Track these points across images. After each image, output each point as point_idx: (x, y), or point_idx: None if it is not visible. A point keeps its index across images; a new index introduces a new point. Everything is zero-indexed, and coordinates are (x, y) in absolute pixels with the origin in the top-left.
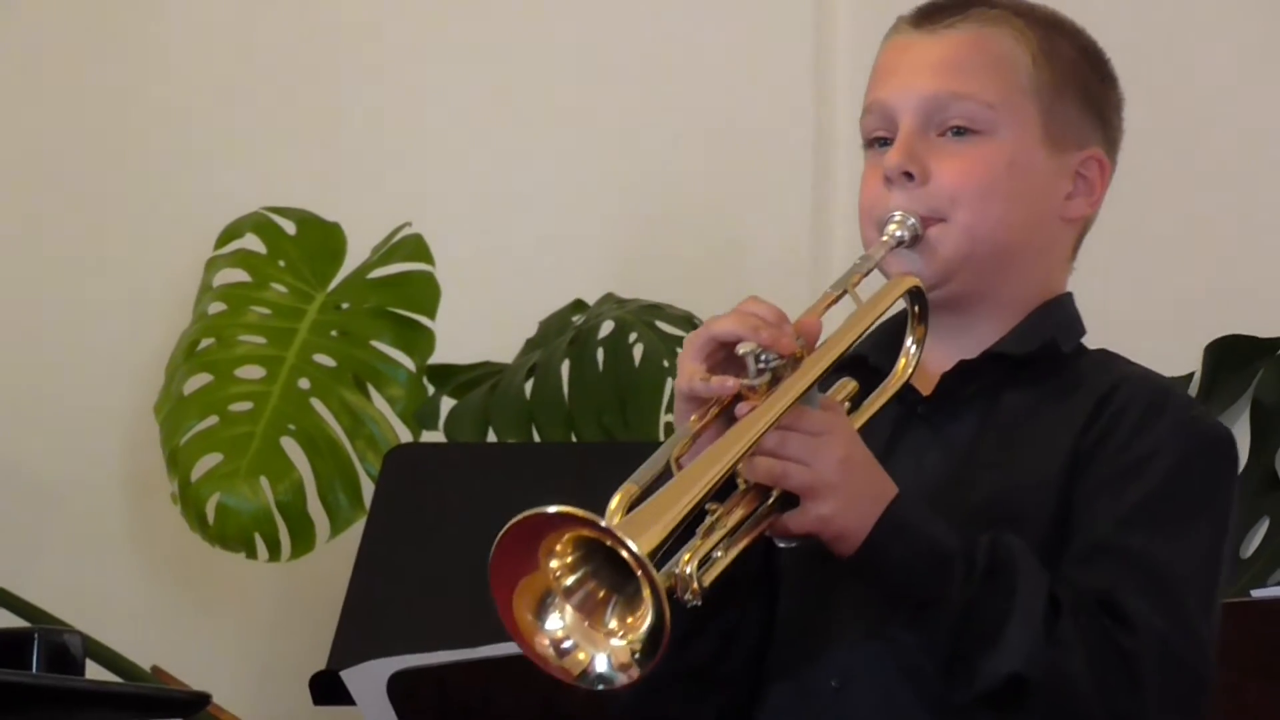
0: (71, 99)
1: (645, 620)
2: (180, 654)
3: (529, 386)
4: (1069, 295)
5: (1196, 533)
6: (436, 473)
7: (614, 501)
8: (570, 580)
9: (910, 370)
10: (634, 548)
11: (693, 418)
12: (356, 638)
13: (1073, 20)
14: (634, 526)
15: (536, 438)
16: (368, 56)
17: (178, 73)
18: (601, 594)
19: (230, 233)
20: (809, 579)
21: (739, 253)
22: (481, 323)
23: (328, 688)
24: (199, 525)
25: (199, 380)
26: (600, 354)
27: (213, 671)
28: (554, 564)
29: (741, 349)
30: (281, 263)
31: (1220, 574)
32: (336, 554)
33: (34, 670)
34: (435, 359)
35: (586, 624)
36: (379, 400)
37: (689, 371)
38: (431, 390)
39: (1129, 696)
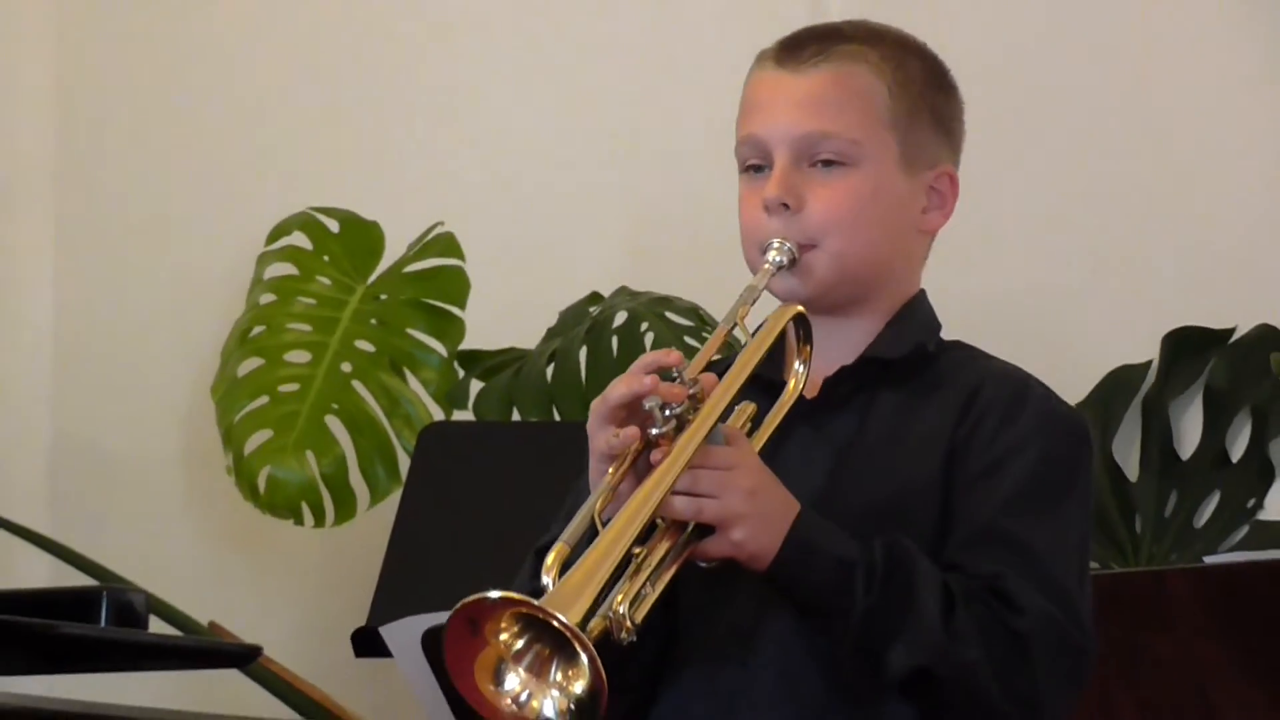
0: (137, 105)
1: (584, 674)
2: (234, 611)
3: (550, 370)
4: (923, 293)
5: (1067, 514)
6: (466, 448)
7: (549, 559)
8: (518, 646)
9: (800, 388)
10: (564, 619)
11: (609, 470)
12: (393, 597)
13: (914, 39)
14: (563, 598)
15: (556, 417)
16: (406, 70)
17: (231, 82)
18: (546, 652)
19: (279, 230)
20: (713, 571)
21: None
22: (507, 312)
23: (367, 642)
24: (251, 495)
25: (251, 364)
26: (614, 342)
27: (263, 627)
28: (502, 638)
29: (646, 404)
30: (326, 258)
31: (1089, 549)
32: (375, 521)
33: (102, 625)
34: (465, 345)
35: (536, 680)
36: (414, 382)
37: (599, 438)
38: (461, 373)
39: (1023, 675)
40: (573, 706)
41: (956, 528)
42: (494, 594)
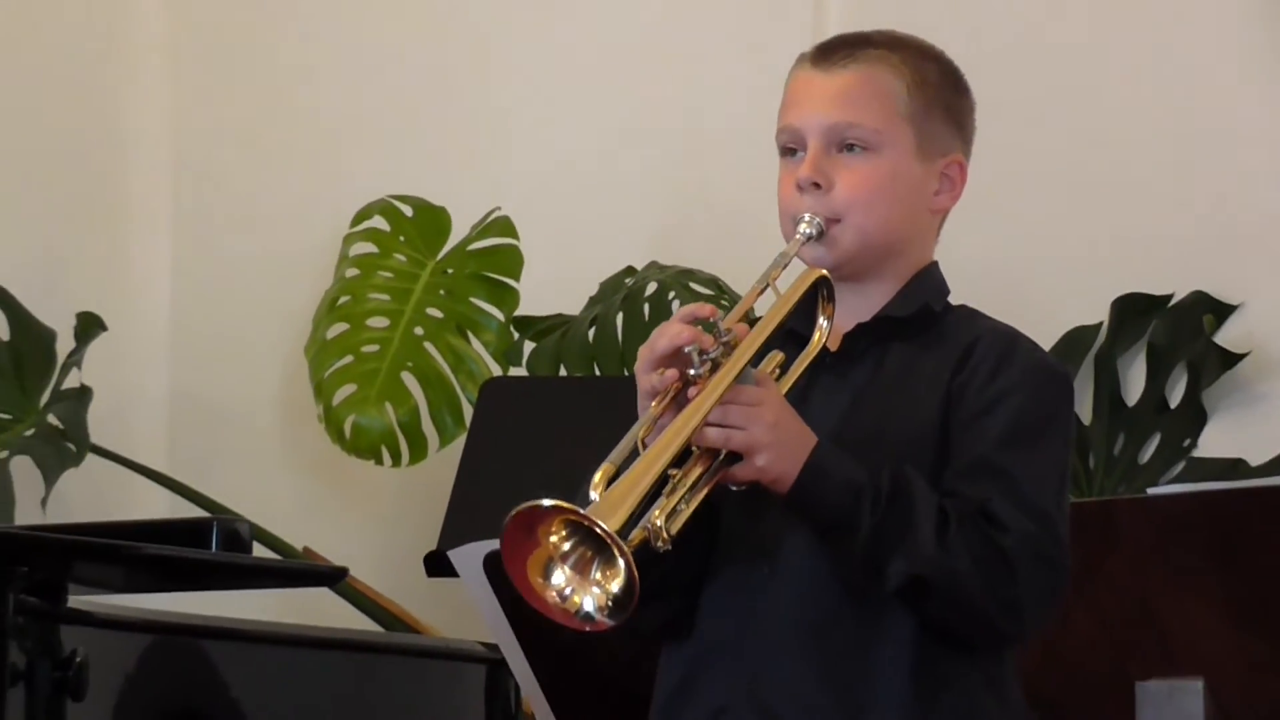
0: (246, 106)
1: (620, 575)
2: (324, 538)
3: (591, 333)
4: (935, 264)
5: (1048, 449)
6: (520, 399)
7: (595, 477)
8: (566, 548)
9: (824, 341)
10: (606, 527)
11: (653, 403)
12: (459, 525)
13: (933, 47)
14: (606, 507)
15: (597, 373)
16: (470, 75)
17: (324, 88)
18: (589, 555)
19: (362, 214)
20: (747, 496)
21: (758, 228)
22: (555, 283)
23: (437, 563)
24: (338, 439)
25: (338, 328)
26: (646, 308)
27: (349, 551)
28: (552, 540)
29: (686, 349)
30: (401, 238)
31: (1066, 480)
32: (443, 461)
33: (212, 550)
34: (519, 312)
35: (580, 578)
36: (476, 344)
37: (646, 379)
38: (516, 336)
39: (1008, 585)
40: (609, 603)
41: (953, 461)
42: (546, 502)
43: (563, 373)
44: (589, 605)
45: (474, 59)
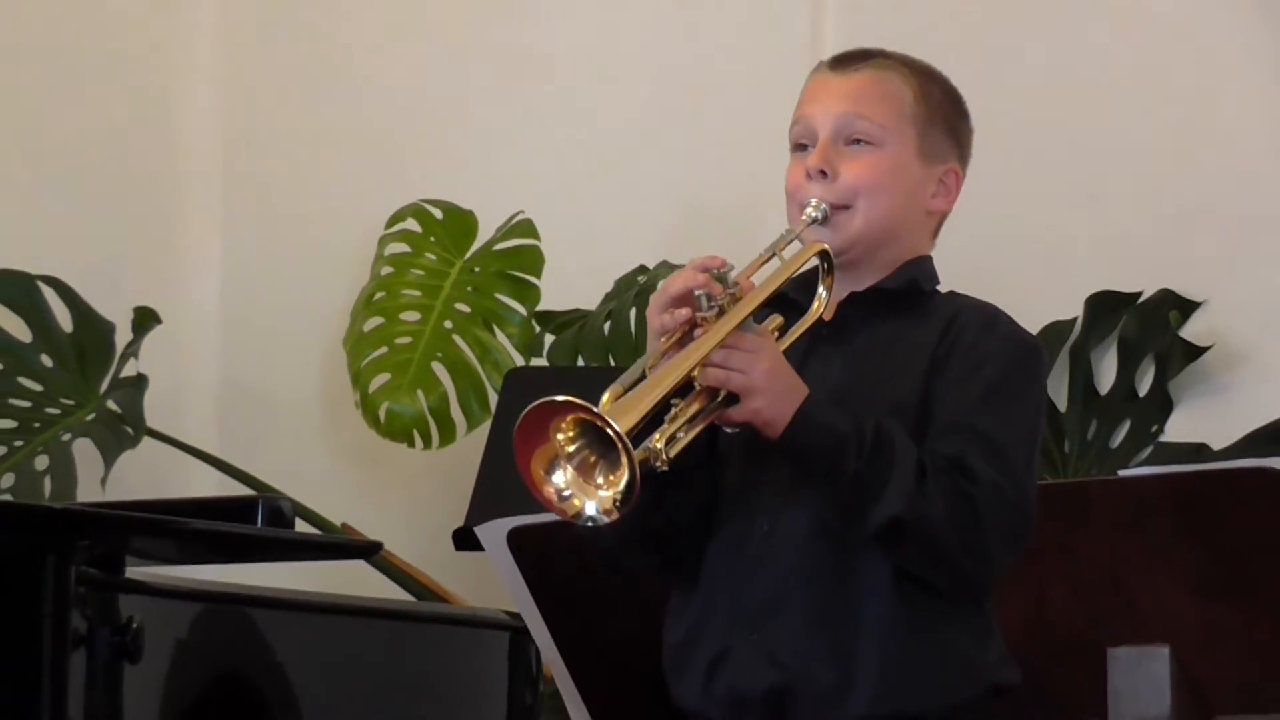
0: (290, 116)
1: (623, 477)
2: (361, 515)
3: (607, 327)
4: (929, 257)
5: (1020, 413)
6: (542, 387)
7: (605, 396)
8: (571, 449)
9: (822, 309)
10: (616, 426)
11: (662, 340)
12: (484, 503)
13: (942, 73)
14: (617, 411)
15: (613, 363)
16: (495, 91)
17: (361, 100)
18: (593, 459)
19: (396, 217)
20: (745, 455)
21: (761, 228)
22: (573, 281)
23: (465, 538)
24: (374, 424)
25: (374, 321)
26: None
27: (384, 527)
28: (560, 437)
29: (696, 293)
30: (432, 239)
31: (1038, 444)
32: (470, 445)
33: (258, 525)
34: (540, 307)
35: (581, 480)
36: (500, 336)
37: (658, 319)
38: (538, 329)
39: (975, 530)
40: (610, 507)
41: (933, 421)
42: (561, 398)
43: (580, 363)
44: (590, 510)
45: (499, 73)
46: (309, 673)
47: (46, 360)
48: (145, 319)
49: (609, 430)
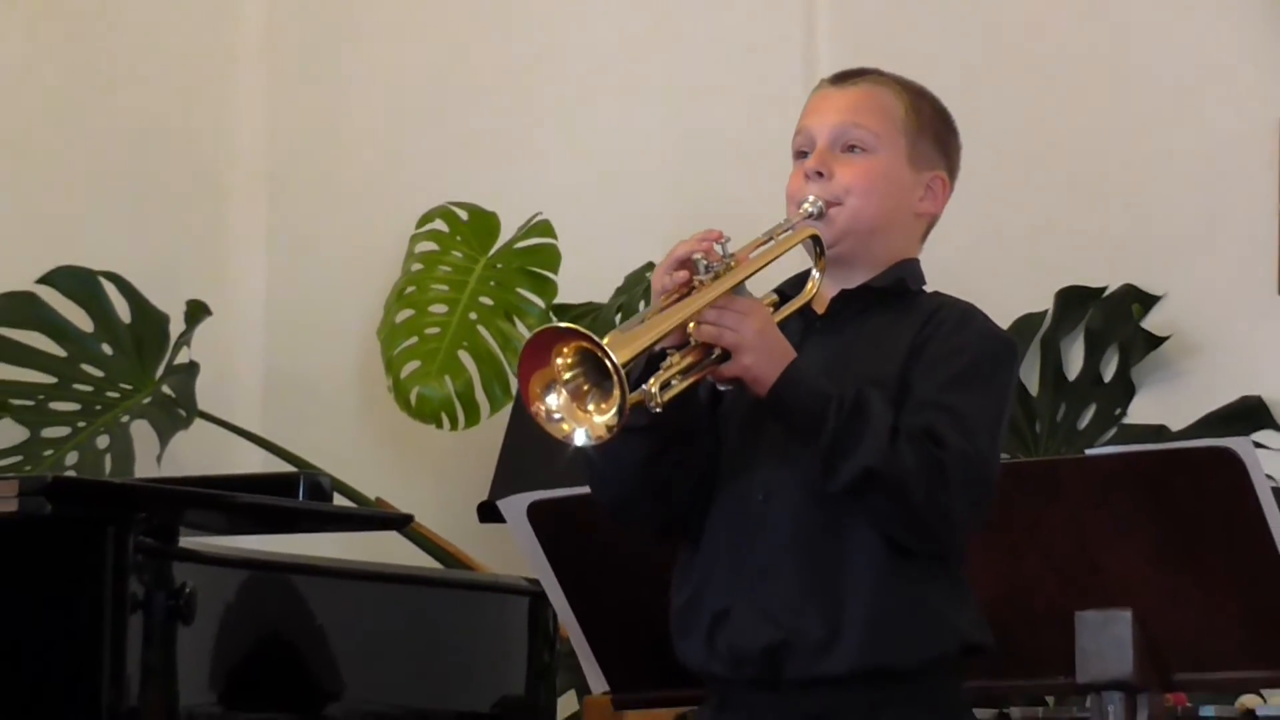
0: (329, 120)
1: (613, 405)
2: (393, 489)
3: (618, 318)
4: (916, 260)
5: (988, 395)
6: None
7: (606, 339)
8: (568, 375)
9: (814, 290)
10: (612, 355)
11: (662, 297)
12: (506, 479)
13: (932, 92)
14: (614, 344)
15: None
16: (517, 98)
17: (393, 107)
18: (586, 387)
19: (425, 218)
20: (742, 428)
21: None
22: (587, 276)
23: (488, 511)
24: (405, 407)
25: (405, 313)
26: None
27: (414, 501)
28: (560, 363)
29: (696, 258)
30: (458, 238)
31: (1002, 423)
32: (493, 426)
33: (300, 499)
34: (557, 300)
35: (574, 405)
36: (521, 327)
37: (661, 279)
38: (554, 320)
39: (942, 492)
40: (600, 433)
41: (910, 399)
42: (565, 324)
43: None
44: (580, 439)
45: (520, 86)
46: (345, 633)
47: (107, 349)
48: (197, 311)
49: (605, 359)
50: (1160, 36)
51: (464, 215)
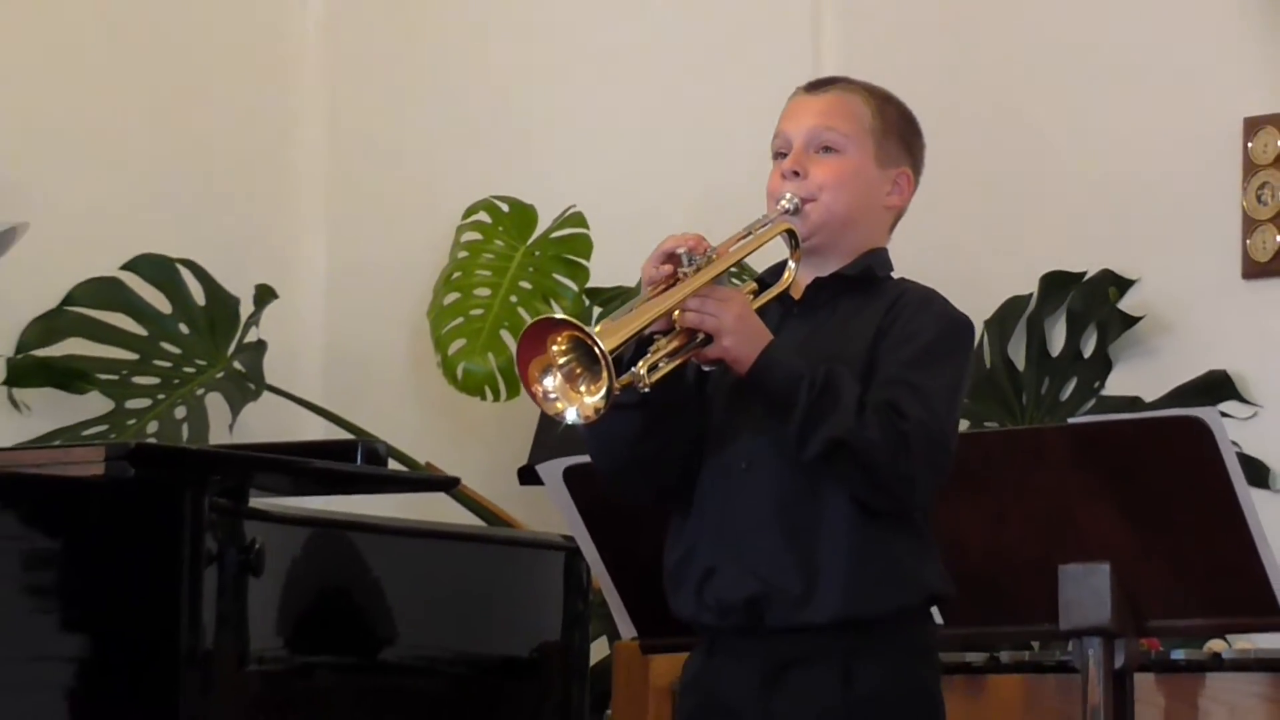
0: (384, 118)
1: (602, 387)
2: (442, 455)
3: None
4: (884, 249)
5: (945, 372)
6: None
7: (599, 325)
8: (562, 360)
9: (790, 279)
10: (600, 343)
11: (650, 289)
12: (543, 446)
13: (898, 97)
14: (603, 332)
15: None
16: (555, 99)
17: (444, 108)
18: (579, 371)
19: (470, 210)
20: (726, 404)
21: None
22: (616, 262)
23: (527, 475)
24: (453, 381)
25: (452, 296)
26: None
27: (461, 466)
28: (554, 349)
29: (679, 252)
30: (500, 228)
31: (959, 395)
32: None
33: (357, 464)
34: (590, 284)
35: (568, 386)
36: (557, 308)
37: (648, 271)
38: (588, 303)
39: (905, 459)
40: (589, 412)
41: (876, 377)
42: (559, 315)
43: None
44: (571, 416)
45: (557, 91)
46: (398, 585)
47: (184, 329)
48: (264, 294)
49: (595, 346)
50: (1138, 45)
51: (505, 208)
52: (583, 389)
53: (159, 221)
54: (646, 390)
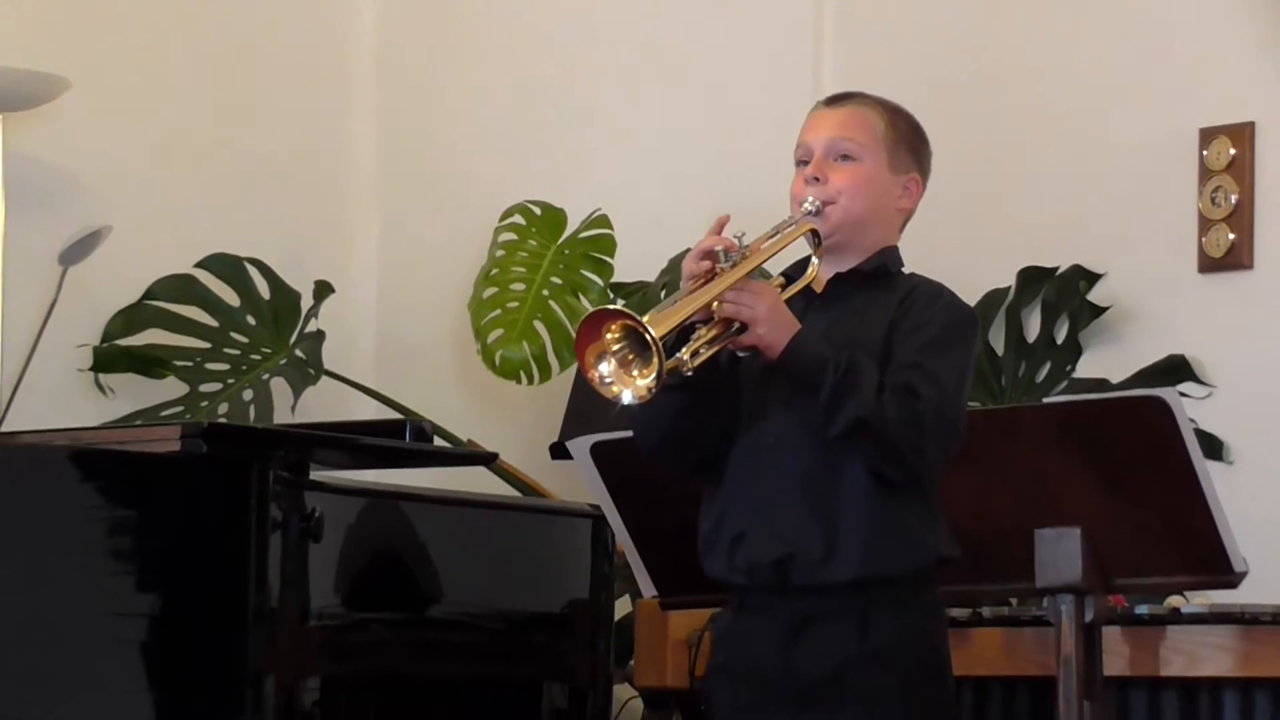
0: (431, 124)
1: (653, 370)
2: (483, 433)
3: (663, 294)
4: (896, 247)
5: (954, 357)
6: None
7: (646, 315)
8: (616, 347)
9: (813, 274)
10: (651, 331)
11: (690, 282)
12: (573, 424)
13: (908, 110)
14: (653, 321)
15: None
16: (582, 109)
17: (482, 111)
18: (631, 357)
19: (506, 214)
20: (756, 385)
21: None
22: (638, 260)
23: (558, 450)
24: (491, 366)
25: (490, 290)
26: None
27: (499, 442)
28: (609, 337)
29: (717, 250)
30: (533, 229)
31: (966, 379)
32: (563, 381)
33: (406, 440)
34: (614, 280)
35: (622, 371)
36: (585, 301)
37: (689, 266)
38: (612, 296)
39: (918, 434)
40: (643, 393)
41: (891, 363)
42: (613, 307)
43: None
44: (627, 398)
45: (585, 100)
46: (443, 549)
47: (251, 320)
48: (323, 290)
49: (646, 334)
50: (1106, 65)
51: (538, 211)
52: (635, 373)
53: (229, 224)
54: (690, 374)
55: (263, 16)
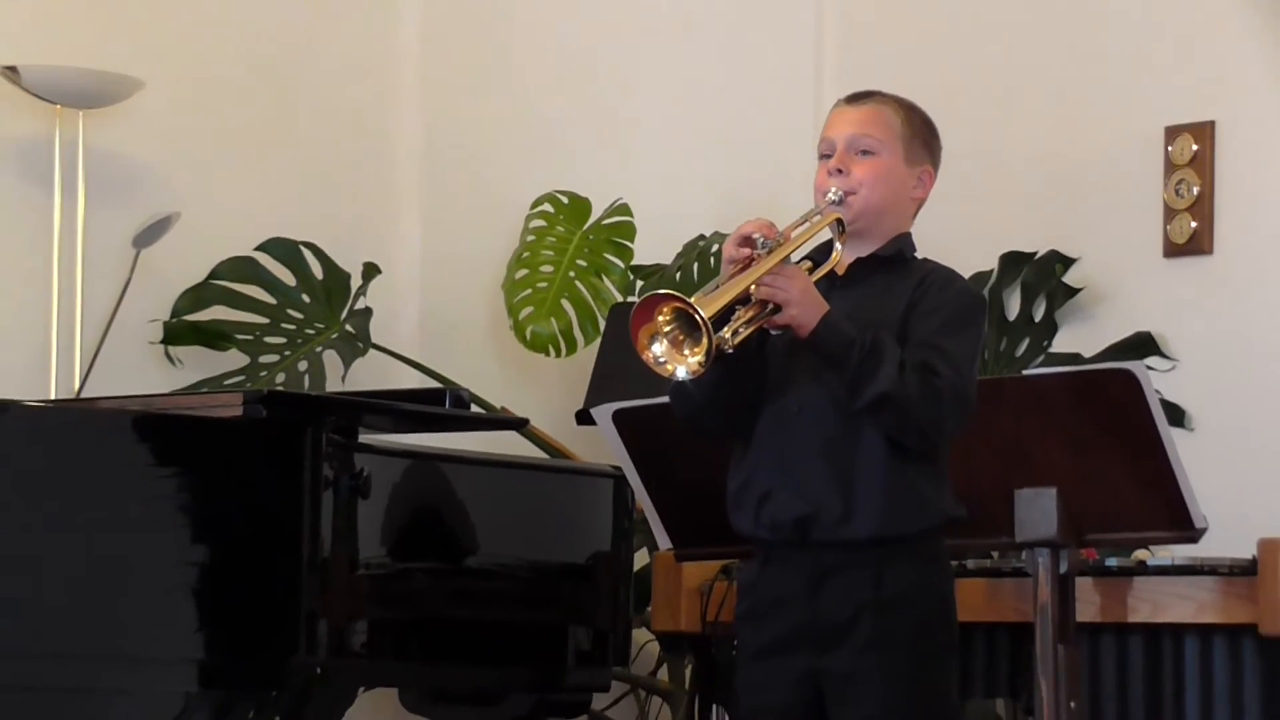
0: (472, 118)
1: (703, 348)
2: (515, 399)
3: (678, 275)
4: (910, 233)
5: (968, 338)
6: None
7: (694, 297)
8: (668, 328)
9: (837, 259)
10: (702, 312)
11: (731, 267)
12: (598, 392)
13: (922, 108)
14: (702, 304)
15: None
16: (602, 106)
17: (519, 107)
18: (681, 337)
19: (536, 202)
20: (783, 359)
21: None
22: (655, 244)
23: (583, 417)
24: (523, 340)
25: (522, 272)
26: (711, 260)
27: (530, 409)
28: (661, 319)
29: (755, 236)
30: (561, 216)
31: (978, 358)
32: (588, 354)
33: (446, 407)
34: (634, 262)
35: (673, 350)
36: (607, 282)
37: (730, 251)
38: (632, 278)
39: (935, 408)
40: (696, 369)
41: (909, 343)
42: (664, 291)
43: None
44: (681, 373)
45: (607, 101)
46: (480, 505)
47: (305, 298)
48: (371, 270)
49: (697, 315)
50: (1079, 68)
51: (565, 199)
52: (686, 352)
53: (286, 211)
54: (730, 351)
55: (316, 20)
